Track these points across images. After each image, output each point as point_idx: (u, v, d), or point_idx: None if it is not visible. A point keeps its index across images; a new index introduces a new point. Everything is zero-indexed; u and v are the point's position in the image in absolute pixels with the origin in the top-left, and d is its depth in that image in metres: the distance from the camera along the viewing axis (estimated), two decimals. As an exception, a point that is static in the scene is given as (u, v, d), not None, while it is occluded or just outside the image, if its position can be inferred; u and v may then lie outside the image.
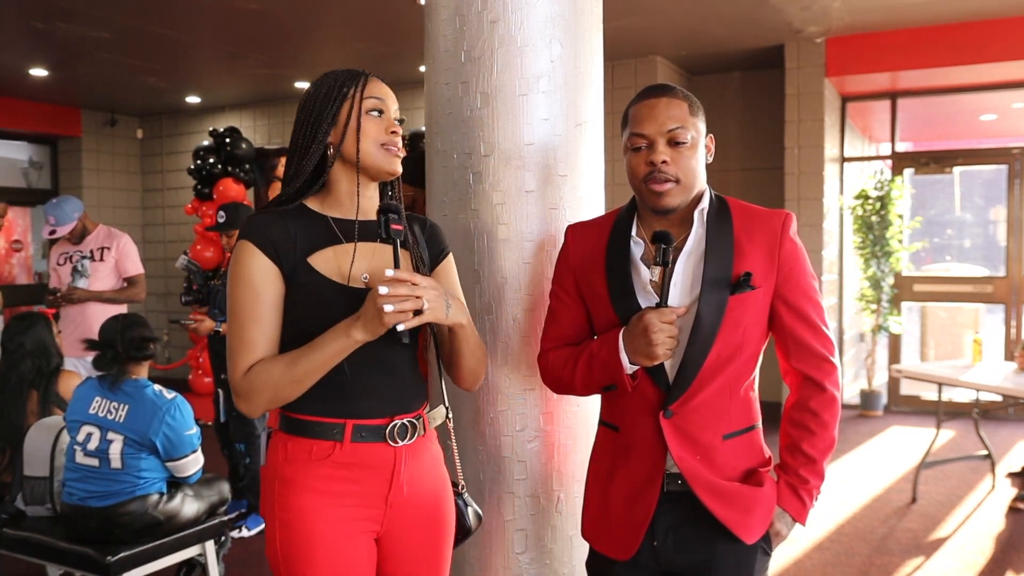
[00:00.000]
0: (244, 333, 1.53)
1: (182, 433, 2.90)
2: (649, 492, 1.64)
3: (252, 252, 1.54)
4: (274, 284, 1.55)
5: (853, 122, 7.55)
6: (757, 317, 1.64)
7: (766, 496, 1.65)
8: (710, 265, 1.61)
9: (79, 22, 5.64)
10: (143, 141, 9.40)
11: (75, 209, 4.46)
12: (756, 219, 1.66)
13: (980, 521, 4.39)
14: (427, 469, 1.67)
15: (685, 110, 1.64)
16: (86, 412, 2.90)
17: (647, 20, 5.79)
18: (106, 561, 2.78)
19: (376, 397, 1.58)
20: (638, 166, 1.64)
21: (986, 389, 4.46)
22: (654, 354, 1.55)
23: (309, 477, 1.56)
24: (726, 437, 1.65)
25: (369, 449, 1.57)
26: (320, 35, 6.21)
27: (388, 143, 1.61)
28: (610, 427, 1.75)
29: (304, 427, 1.57)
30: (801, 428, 1.68)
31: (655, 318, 1.54)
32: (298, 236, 1.56)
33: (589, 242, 1.74)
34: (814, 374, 1.67)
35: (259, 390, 1.52)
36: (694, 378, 1.61)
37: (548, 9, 2.01)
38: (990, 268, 9.98)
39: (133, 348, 2.97)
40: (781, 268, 1.64)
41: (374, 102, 1.61)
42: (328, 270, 1.56)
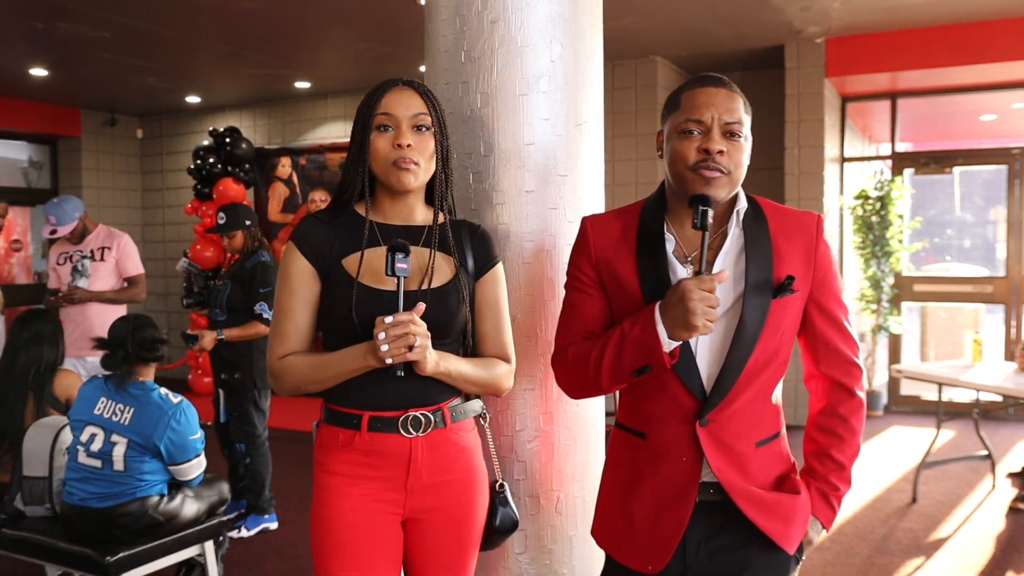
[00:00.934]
0: (279, 324, 1.74)
1: (187, 438, 2.89)
2: (683, 503, 1.58)
3: (293, 252, 1.73)
4: (309, 282, 1.72)
5: (853, 122, 7.55)
6: (793, 321, 1.61)
7: (804, 504, 1.62)
8: (752, 267, 1.56)
9: (79, 22, 5.64)
10: (143, 141, 9.40)
11: (76, 209, 4.46)
12: (790, 220, 1.63)
13: (980, 521, 4.39)
14: (451, 459, 1.74)
15: (741, 106, 1.58)
16: (91, 412, 2.90)
17: (647, 20, 5.79)
18: (105, 561, 2.78)
19: (392, 391, 1.69)
20: (688, 151, 1.55)
21: (986, 389, 4.46)
22: (692, 324, 1.44)
23: (336, 461, 1.72)
24: (759, 444, 1.61)
25: (384, 439, 1.69)
26: (320, 35, 6.21)
27: (396, 159, 1.68)
28: (634, 433, 1.66)
29: (332, 415, 1.74)
30: (830, 434, 1.65)
31: (693, 285, 1.44)
32: (337, 239, 1.72)
33: (613, 234, 1.65)
34: (844, 379, 1.64)
35: (286, 379, 1.72)
36: (734, 384, 1.55)
37: (548, 9, 2.01)
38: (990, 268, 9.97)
39: (144, 349, 2.98)
40: (816, 271, 1.61)
41: (381, 118, 1.70)
42: (355, 270, 1.69)
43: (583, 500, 2.11)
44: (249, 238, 4.24)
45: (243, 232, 4.22)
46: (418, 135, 1.71)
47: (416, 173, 1.70)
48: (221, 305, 4.16)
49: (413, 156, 1.69)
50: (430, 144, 1.72)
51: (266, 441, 4.30)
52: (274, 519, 4.34)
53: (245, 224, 4.20)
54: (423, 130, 1.71)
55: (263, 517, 4.30)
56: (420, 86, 1.75)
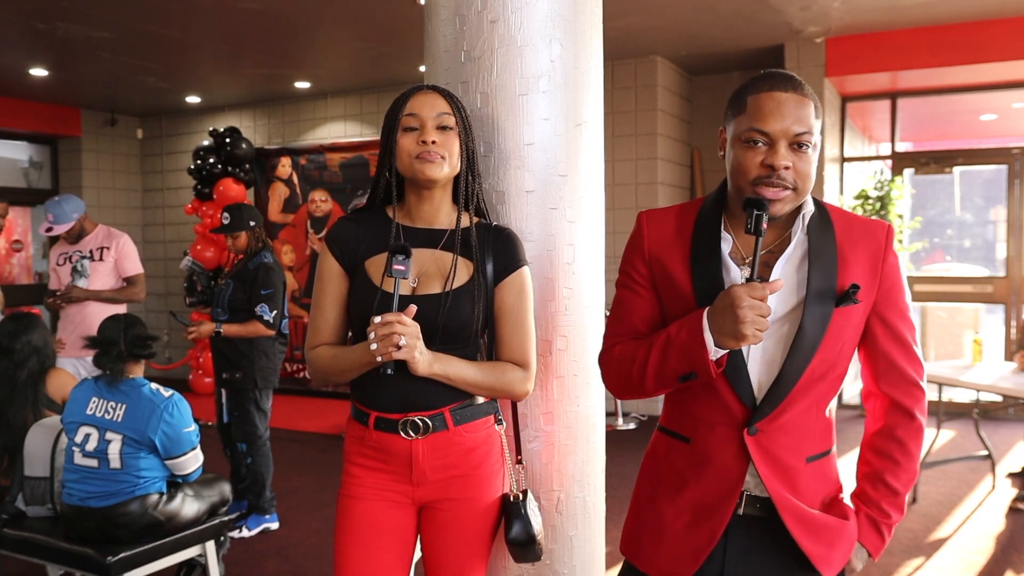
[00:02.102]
0: (313, 318, 1.86)
1: (180, 430, 2.90)
2: (719, 513, 1.51)
3: (325, 252, 1.85)
4: (338, 280, 1.82)
5: (853, 122, 7.56)
6: (854, 333, 1.53)
7: (850, 530, 1.55)
8: (815, 274, 1.48)
9: (79, 22, 5.64)
10: (143, 141, 9.40)
11: (75, 210, 4.46)
12: (858, 228, 1.54)
13: (980, 521, 4.39)
14: (456, 458, 1.79)
15: (812, 113, 1.47)
16: (83, 413, 2.90)
17: (647, 20, 5.79)
18: (106, 561, 2.78)
19: (393, 394, 1.76)
20: (751, 165, 1.45)
21: (986, 389, 4.46)
22: (741, 333, 1.36)
23: (354, 453, 1.84)
24: (809, 460, 1.53)
25: (388, 438, 1.78)
26: (320, 35, 6.21)
27: (420, 152, 1.73)
28: (678, 437, 1.59)
29: (353, 410, 1.87)
30: (886, 458, 1.57)
31: (744, 292, 1.36)
32: (364, 240, 1.81)
33: (668, 231, 1.58)
34: (904, 400, 1.56)
35: (316, 368, 1.84)
36: (788, 394, 1.47)
37: (548, 9, 2.01)
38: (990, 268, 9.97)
39: (136, 346, 2.99)
40: (883, 283, 1.53)
41: (407, 119, 1.76)
42: (375, 272, 1.78)
43: (583, 500, 2.11)
44: (253, 239, 4.24)
45: (247, 233, 4.22)
46: (443, 134, 1.75)
47: (440, 165, 1.74)
48: (223, 305, 4.16)
49: (438, 150, 1.74)
50: (455, 143, 1.77)
51: (267, 441, 4.30)
52: (275, 519, 4.34)
53: (249, 225, 4.21)
54: (447, 130, 1.76)
55: (264, 517, 4.30)
56: (445, 90, 1.81)
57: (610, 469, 2.39)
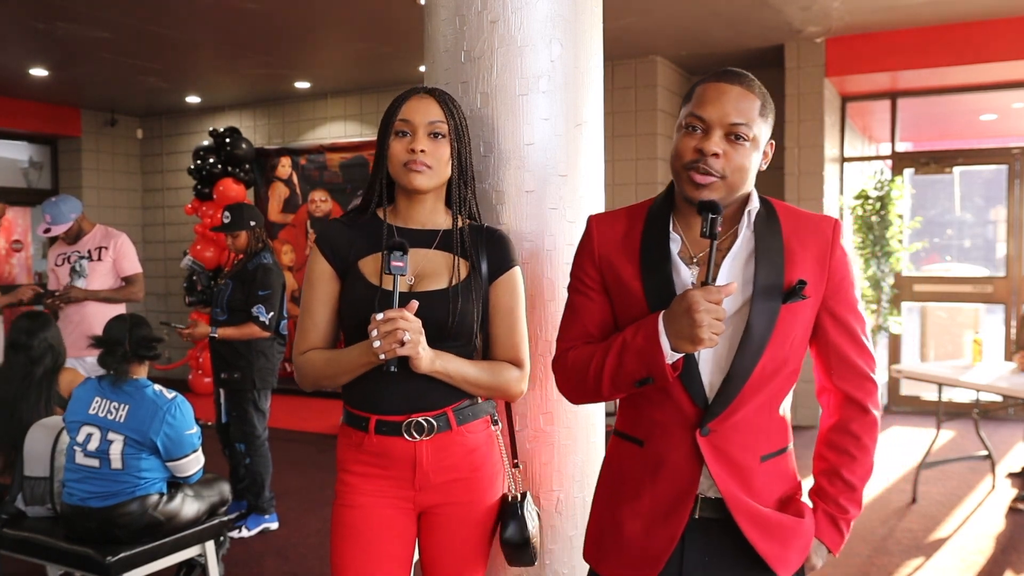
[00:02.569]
0: (302, 322, 1.83)
1: (183, 433, 2.90)
2: (676, 517, 1.51)
3: (315, 253, 1.82)
4: (328, 283, 1.80)
5: (853, 122, 7.55)
6: (804, 329, 1.52)
7: (806, 528, 1.54)
8: (761, 271, 1.48)
9: (79, 22, 5.64)
10: (143, 141, 9.40)
11: (72, 210, 4.46)
12: (805, 223, 1.54)
13: (980, 521, 4.39)
14: (458, 459, 1.79)
15: (756, 107, 1.47)
16: (86, 412, 2.90)
17: (647, 20, 5.79)
18: (106, 561, 2.78)
19: (395, 395, 1.75)
20: (685, 149, 1.47)
21: (986, 389, 4.46)
22: (698, 337, 1.36)
23: (350, 460, 1.81)
24: (763, 459, 1.52)
25: (390, 442, 1.75)
26: (320, 35, 6.21)
27: (408, 161, 1.74)
28: (632, 440, 1.58)
29: (348, 416, 1.82)
30: (841, 452, 1.57)
31: (700, 296, 1.35)
32: (356, 241, 1.80)
33: (617, 233, 1.57)
34: (857, 394, 1.56)
35: (305, 373, 1.81)
36: (738, 392, 1.47)
37: (548, 9, 2.01)
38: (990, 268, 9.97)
39: (141, 347, 3.00)
40: (831, 278, 1.52)
41: (399, 124, 1.77)
42: (370, 272, 1.77)
43: (583, 500, 2.11)
44: (253, 239, 4.24)
45: (247, 232, 4.22)
46: (433, 141, 1.76)
47: (427, 176, 1.75)
48: (222, 305, 4.16)
49: (426, 160, 1.74)
50: (445, 151, 1.77)
51: (266, 441, 4.30)
52: (275, 519, 4.34)
53: (249, 225, 4.20)
54: (439, 137, 1.77)
55: (264, 517, 4.30)
56: (441, 95, 1.80)
57: (610, 469, 2.39)
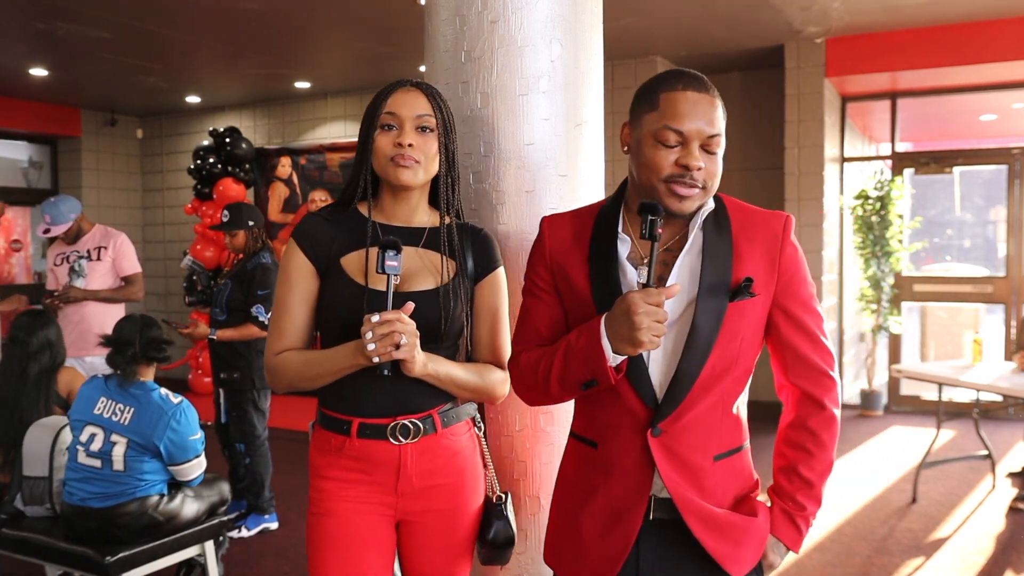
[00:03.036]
0: (277, 320, 1.75)
1: (187, 438, 2.90)
2: (631, 518, 1.49)
3: (293, 249, 1.74)
4: (307, 280, 1.72)
5: (853, 122, 7.56)
6: (755, 327, 1.51)
7: (759, 527, 1.53)
8: (707, 269, 1.47)
9: (79, 22, 5.64)
10: (143, 141, 9.40)
11: (71, 210, 4.46)
12: (755, 221, 1.54)
13: (980, 521, 4.39)
14: (442, 463, 1.74)
15: (720, 113, 1.49)
16: (90, 412, 2.90)
17: (647, 20, 5.79)
18: (105, 561, 2.78)
19: (381, 398, 1.69)
20: (664, 164, 1.44)
21: (986, 389, 4.46)
22: (638, 340, 1.35)
23: (328, 466, 1.73)
24: (717, 458, 1.51)
25: (374, 446, 1.69)
26: (320, 35, 6.21)
27: (396, 156, 1.68)
28: (586, 442, 1.58)
29: (325, 420, 1.75)
30: (799, 449, 1.56)
31: (639, 299, 1.34)
32: (338, 238, 1.73)
33: (567, 234, 1.57)
34: (813, 390, 1.55)
35: (281, 375, 1.74)
36: (687, 393, 1.46)
37: (548, 9, 2.01)
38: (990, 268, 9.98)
39: (151, 348, 3.00)
40: (781, 275, 1.51)
41: (385, 117, 1.70)
42: (353, 270, 1.70)
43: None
44: (251, 238, 4.23)
45: (245, 232, 4.21)
46: (421, 135, 1.70)
47: (415, 171, 1.69)
48: (221, 305, 4.16)
49: (414, 155, 1.68)
50: (433, 145, 1.71)
51: (266, 441, 4.30)
52: (274, 519, 4.34)
53: (248, 224, 4.20)
54: (426, 131, 1.71)
55: (263, 517, 4.30)
56: (428, 88, 1.74)
57: (610, 469, 2.39)
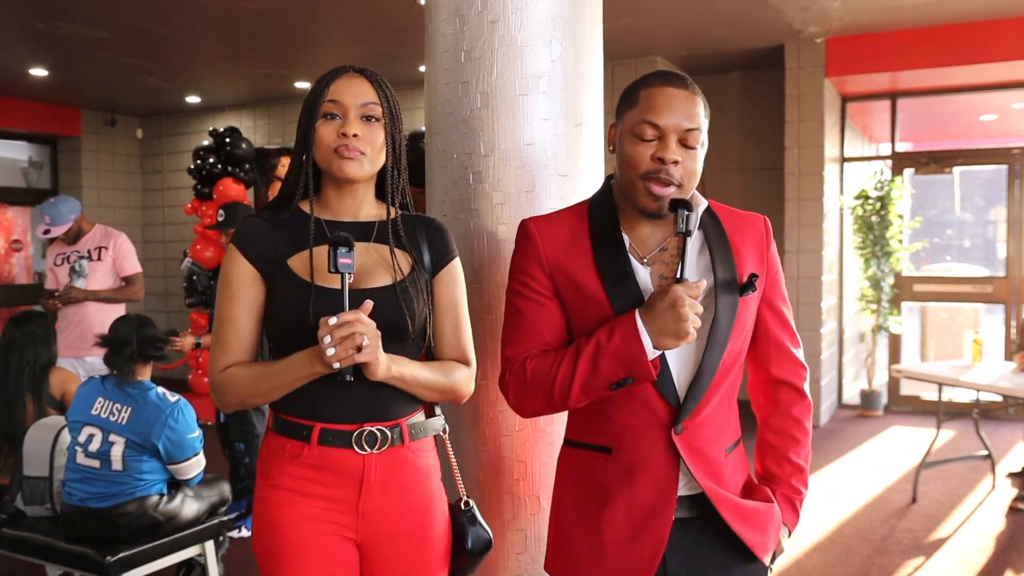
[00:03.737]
0: (221, 334, 1.60)
1: (185, 436, 2.90)
2: (661, 519, 1.48)
3: (234, 255, 1.60)
4: (252, 287, 1.59)
5: (853, 122, 7.56)
6: (752, 322, 1.57)
7: (776, 513, 1.58)
8: (719, 265, 1.51)
9: (79, 22, 5.64)
10: (143, 141, 9.40)
11: (71, 210, 4.45)
12: (740, 221, 1.59)
13: (980, 521, 4.39)
14: (407, 481, 1.61)
15: (701, 111, 1.49)
16: (88, 413, 2.90)
17: (647, 20, 5.79)
18: (105, 561, 2.78)
19: (346, 402, 1.57)
20: (641, 159, 1.46)
21: (986, 389, 4.46)
22: (683, 331, 1.36)
23: (282, 475, 1.59)
24: (728, 451, 1.55)
25: (336, 454, 1.56)
26: (320, 35, 6.21)
27: (339, 147, 1.57)
28: (597, 449, 1.54)
29: (281, 425, 1.61)
30: (786, 436, 1.61)
31: (683, 291, 1.36)
32: (282, 239, 1.60)
33: (563, 236, 1.54)
34: (794, 380, 1.62)
35: (228, 393, 1.59)
36: (708, 387, 1.47)
37: (548, 9, 2.01)
38: (990, 268, 9.97)
39: (149, 347, 3.00)
40: (768, 272, 1.58)
41: (328, 105, 1.58)
42: (303, 270, 1.57)
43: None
44: None
45: None
46: (366, 125, 1.59)
47: (360, 163, 1.58)
48: None
49: (359, 145, 1.57)
50: (379, 135, 1.60)
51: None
52: (274, 519, 4.33)
53: None
54: (372, 120, 1.59)
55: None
56: (373, 74, 1.63)
57: (610, 469, 2.39)
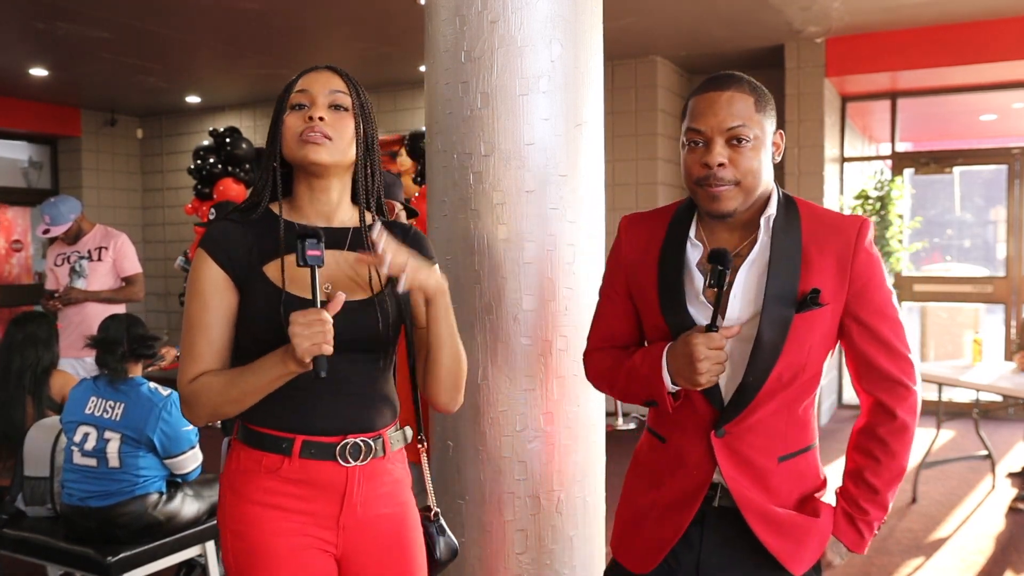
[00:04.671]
0: (191, 342, 1.51)
1: (179, 429, 2.91)
2: (686, 509, 1.55)
3: (205, 261, 1.51)
4: (224, 293, 1.51)
5: (853, 122, 7.55)
6: (824, 336, 1.51)
7: (821, 527, 1.55)
8: (773, 279, 1.47)
9: (79, 22, 5.64)
10: (143, 141, 9.40)
11: (71, 210, 4.45)
12: (827, 226, 1.51)
13: (980, 521, 4.39)
14: (386, 492, 1.58)
15: (751, 105, 1.47)
16: (82, 413, 2.91)
17: (647, 20, 5.79)
18: (106, 561, 2.78)
19: (329, 413, 1.52)
20: (693, 166, 1.49)
21: (986, 389, 4.46)
22: (697, 382, 1.44)
23: (258, 490, 1.52)
24: (782, 459, 1.54)
25: (318, 467, 1.51)
26: (320, 35, 6.21)
27: (304, 130, 1.51)
28: (657, 437, 1.65)
29: (256, 438, 1.53)
30: (867, 456, 1.56)
31: (703, 344, 1.41)
32: (255, 244, 1.53)
33: (643, 238, 1.61)
34: (886, 399, 1.54)
35: (199, 403, 1.50)
36: (752, 399, 1.50)
37: (548, 9, 2.01)
38: (990, 268, 9.97)
39: (140, 346, 3.01)
40: (853, 282, 1.49)
41: (296, 96, 1.55)
42: (278, 277, 1.51)
43: (583, 500, 2.11)
44: None
45: None
46: (335, 113, 1.54)
47: (328, 149, 1.51)
48: None
49: (324, 129, 1.51)
50: (349, 126, 1.54)
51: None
52: (274, 519, 4.33)
53: None
54: (340, 109, 1.54)
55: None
56: (343, 71, 1.59)
57: (610, 469, 2.39)
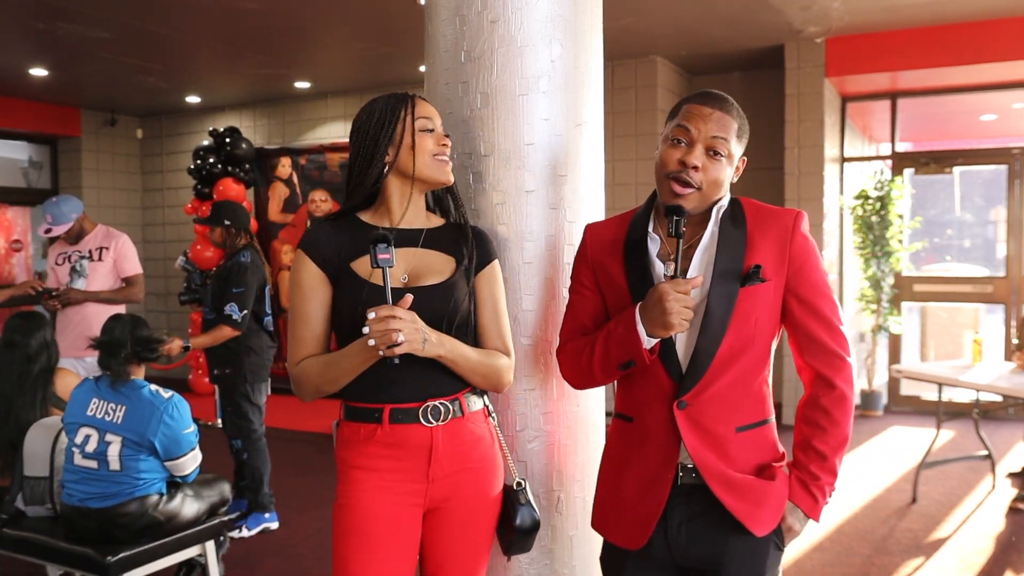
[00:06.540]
0: (295, 330, 1.80)
1: (180, 432, 2.90)
2: (662, 483, 1.67)
3: (303, 259, 1.81)
4: (321, 287, 1.79)
5: (853, 122, 7.55)
6: (768, 311, 1.67)
7: (777, 490, 1.67)
8: (721, 258, 1.65)
9: (79, 22, 5.64)
10: (143, 141, 9.40)
11: (73, 210, 4.45)
12: (768, 216, 1.71)
13: (980, 521, 4.39)
14: (469, 448, 1.82)
15: (734, 129, 1.68)
16: (83, 414, 2.90)
17: (647, 20, 5.79)
18: (106, 561, 2.78)
19: (411, 383, 1.77)
20: (670, 159, 1.66)
21: (986, 389, 4.46)
22: (669, 323, 1.57)
23: (359, 456, 1.78)
24: (739, 430, 1.67)
25: (406, 430, 1.76)
26: (320, 35, 6.21)
27: (439, 154, 1.82)
28: (624, 418, 1.78)
29: (353, 412, 1.81)
30: (813, 425, 1.70)
31: (669, 288, 1.57)
32: (345, 245, 1.80)
33: (607, 238, 1.79)
34: (825, 371, 1.69)
35: (304, 383, 1.79)
36: (707, 368, 1.64)
37: (548, 9, 2.01)
38: (990, 268, 9.97)
39: (144, 348, 3.00)
40: (792, 262, 1.67)
41: (424, 121, 1.82)
42: (366, 273, 1.77)
43: (583, 500, 2.11)
44: (228, 237, 4.23)
45: (221, 229, 4.23)
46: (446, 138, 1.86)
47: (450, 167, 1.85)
48: (209, 304, 4.16)
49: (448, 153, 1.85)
50: None
51: (263, 437, 4.30)
52: (275, 519, 4.34)
53: (223, 222, 4.20)
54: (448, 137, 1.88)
55: (264, 516, 4.30)
56: None
57: (610, 469, 2.39)
